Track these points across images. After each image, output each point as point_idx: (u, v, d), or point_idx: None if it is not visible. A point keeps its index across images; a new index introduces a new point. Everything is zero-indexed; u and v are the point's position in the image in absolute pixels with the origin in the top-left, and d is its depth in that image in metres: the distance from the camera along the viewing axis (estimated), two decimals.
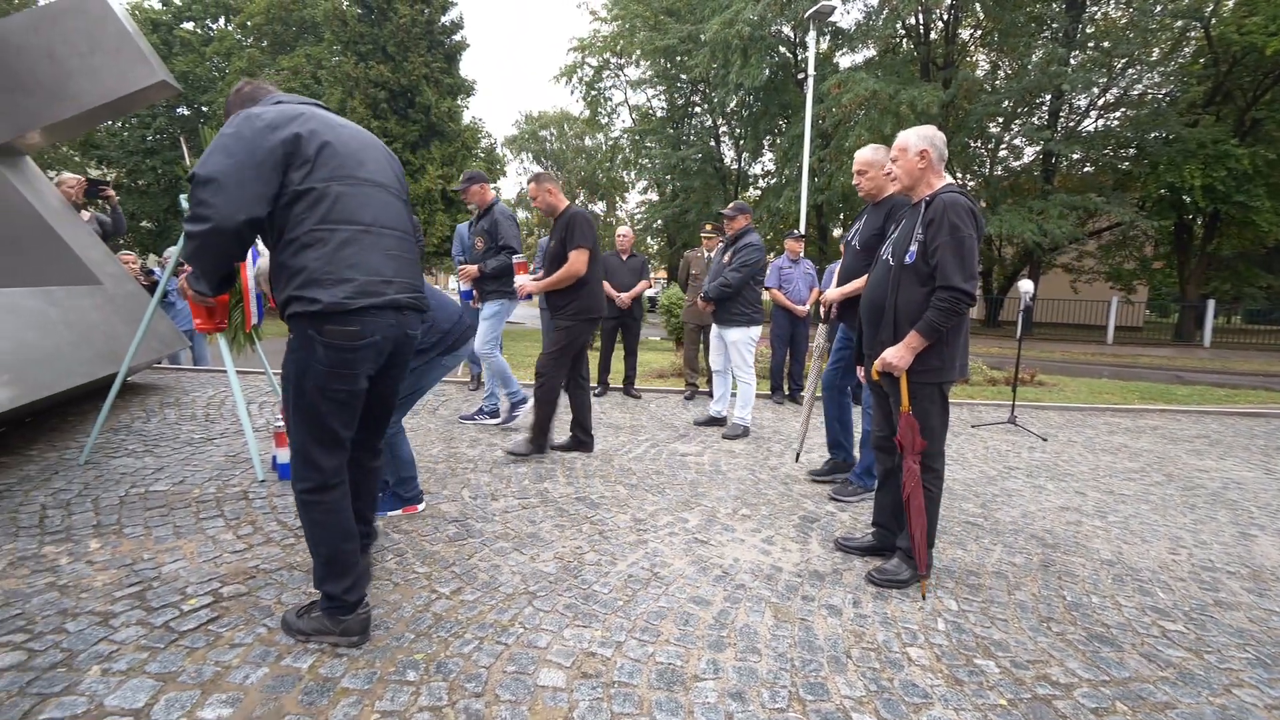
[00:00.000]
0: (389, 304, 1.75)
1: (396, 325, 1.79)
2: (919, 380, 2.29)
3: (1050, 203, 16.50)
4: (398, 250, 1.82)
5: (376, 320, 1.72)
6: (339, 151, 1.73)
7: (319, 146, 1.69)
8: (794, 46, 19.75)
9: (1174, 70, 17.55)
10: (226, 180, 1.57)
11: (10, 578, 2.08)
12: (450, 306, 2.93)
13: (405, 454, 2.78)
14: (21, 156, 4.31)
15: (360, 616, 1.82)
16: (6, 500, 2.73)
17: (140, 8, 22.55)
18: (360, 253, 1.71)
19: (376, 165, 1.84)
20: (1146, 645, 2.01)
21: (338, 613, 1.79)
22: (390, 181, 1.88)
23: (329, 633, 1.80)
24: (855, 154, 3.22)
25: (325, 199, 1.68)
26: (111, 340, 3.92)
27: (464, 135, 15.15)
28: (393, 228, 1.82)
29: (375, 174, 1.82)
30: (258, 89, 1.91)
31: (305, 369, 1.69)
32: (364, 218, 1.74)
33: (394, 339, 1.81)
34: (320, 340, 1.66)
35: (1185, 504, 3.47)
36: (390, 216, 1.83)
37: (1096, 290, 21.58)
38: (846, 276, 3.29)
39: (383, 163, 1.89)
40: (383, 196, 1.82)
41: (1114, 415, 6.09)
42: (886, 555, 2.50)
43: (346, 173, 1.73)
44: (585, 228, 3.61)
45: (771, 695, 1.67)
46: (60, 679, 1.59)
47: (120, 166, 21.83)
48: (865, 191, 3.22)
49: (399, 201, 1.91)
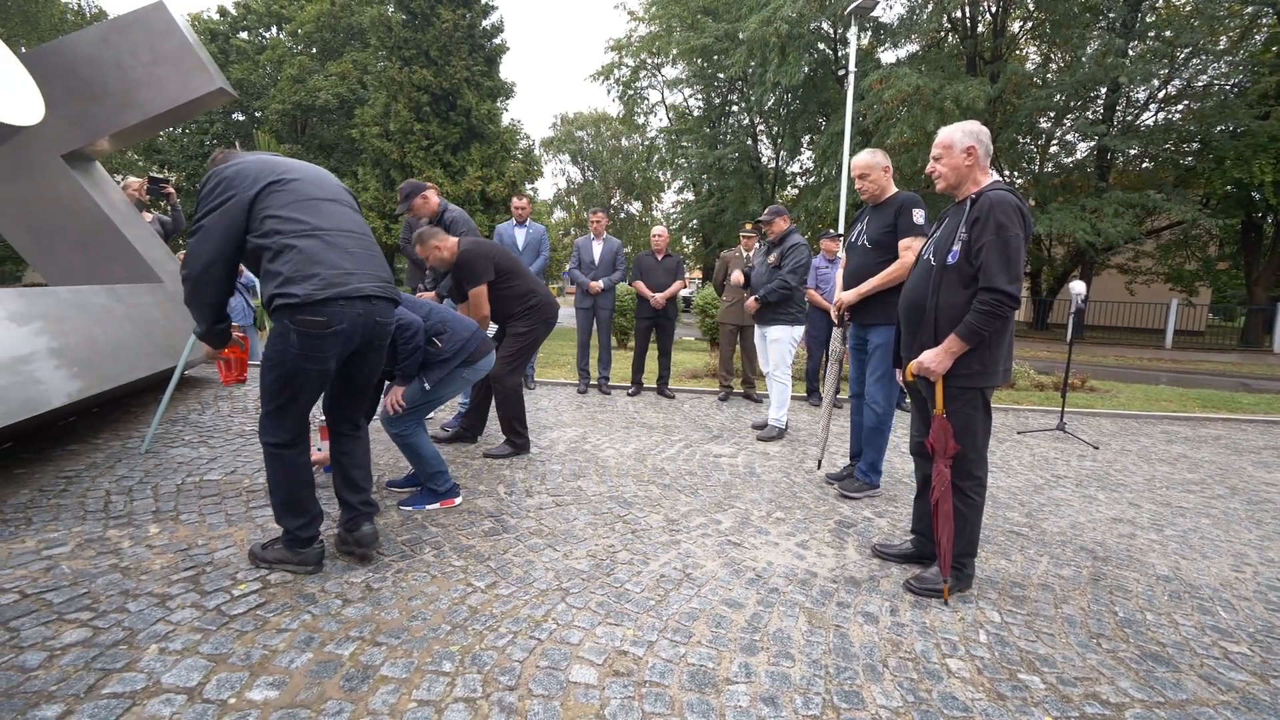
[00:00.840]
0: (354, 294, 2.00)
1: (364, 314, 2.05)
2: (958, 385, 2.21)
3: (1105, 201, 15.78)
4: (356, 248, 2.10)
5: (344, 310, 1.99)
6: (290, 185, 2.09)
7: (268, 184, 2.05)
8: (834, 43, 19.41)
9: (1243, 60, 16.54)
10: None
11: (79, 558, 2.21)
12: (465, 320, 3.01)
13: (428, 452, 2.85)
14: (91, 161, 4.57)
15: (315, 550, 2.18)
16: (76, 485, 2.90)
17: (199, 19, 23.66)
18: (323, 252, 2.00)
19: (325, 186, 2.18)
20: (1206, 667, 1.91)
21: (296, 545, 2.16)
22: (340, 195, 2.21)
23: (289, 561, 2.17)
24: (853, 160, 3.23)
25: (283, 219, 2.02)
26: (171, 335, 4.13)
27: (503, 137, 15.40)
28: (349, 230, 2.12)
29: (325, 192, 2.15)
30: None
31: (283, 351, 2.00)
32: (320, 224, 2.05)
33: (363, 325, 2.07)
34: (294, 328, 1.95)
35: (1251, 519, 3.28)
36: (347, 222, 2.14)
37: (1154, 292, 20.55)
38: (856, 277, 3.27)
39: (329, 182, 2.22)
40: (334, 207, 2.12)
41: (1172, 423, 5.79)
42: (926, 563, 2.44)
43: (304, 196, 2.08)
44: (475, 265, 3.49)
45: (805, 702, 1.65)
46: (122, 656, 1.68)
47: (180, 170, 22.95)
48: (868, 195, 3.23)
49: (352, 210, 2.22)
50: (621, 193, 36.14)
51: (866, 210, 3.35)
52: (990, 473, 3.87)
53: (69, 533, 2.41)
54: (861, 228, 3.32)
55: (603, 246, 5.83)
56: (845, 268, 3.42)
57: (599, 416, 4.95)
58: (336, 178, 2.33)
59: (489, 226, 13.64)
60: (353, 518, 2.28)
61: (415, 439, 2.81)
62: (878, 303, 3.18)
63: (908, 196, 3.15)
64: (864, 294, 3.18)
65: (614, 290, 5.91)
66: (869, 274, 3.19)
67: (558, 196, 39.91)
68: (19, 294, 3.17)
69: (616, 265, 5.84)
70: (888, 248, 3.16)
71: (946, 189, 2.33)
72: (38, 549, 2.27)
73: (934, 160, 2.32)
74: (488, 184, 14.37)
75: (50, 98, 3.85)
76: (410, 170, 14.45)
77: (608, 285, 5.76)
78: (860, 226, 3.33)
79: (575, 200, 39.13)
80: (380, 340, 2.22)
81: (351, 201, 2.27)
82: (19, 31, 16.77)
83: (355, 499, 2.29)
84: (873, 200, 3.26)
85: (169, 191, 5.45)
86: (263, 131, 8.81)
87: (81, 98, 4.16)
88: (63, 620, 1.82)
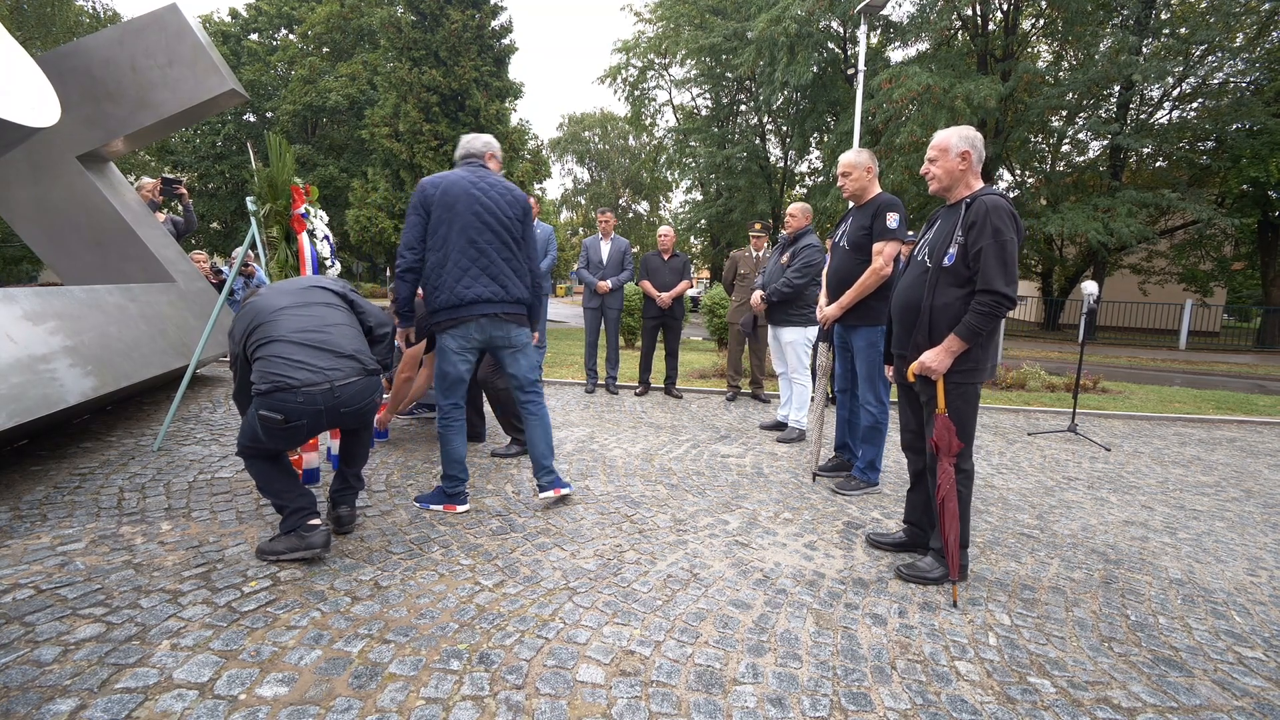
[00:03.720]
0: (300, 385, 2.15)
1: (326, 406, 2.17)
2: (956, 381, 2.26)
3: (1118, 200, 15.59)
4: (319, 344, 2.26)
5: (301, 407, 2.14)
6: None
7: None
8: (843, 42, 19.30)
9: (1260, 57, 16.31)
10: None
11: (92, 555, 2.24)
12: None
13: (456, 453, 2.84)
14: (106, 162, 4.63)
15: (320, 533, 2.22)
16: (90, 482, 2.94)
17: (211, 21, 23.88)
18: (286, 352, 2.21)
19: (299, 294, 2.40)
20: (1220, 672, 1.89)
21: (299, 529, 2.22)
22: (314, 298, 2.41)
23: (296, 549, 2.22)
24: (839, 158, 3.31)
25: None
26: (183, 334, 4.17)
27: (511, 137, 15.42)
28: (312, 329, 2.29)
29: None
30: None
31: (254, 429, 2.23)
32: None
33: (328, 411, 2.19)
34: (257, 420, 2.19)
35: (1266, 522, 3.23)
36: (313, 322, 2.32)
37: (1168, 293, 20.29)
38: (836, 277, 3.38)
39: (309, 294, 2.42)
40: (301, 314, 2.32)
41: (1186, 425, 5.73)
42: (919, 553, 2.50)
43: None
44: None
45: (812, 703, 1.64)
46: (134, 651, 1.70)
47: (192, 170, 23.19)
48: (850, 193, 3.32)
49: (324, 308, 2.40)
50: (629, 192, 36.14)
51: (851, 210, 3.42)
52: (1000, 474, 3.86)
53: (83, 529, 2.44)
54: (845, 228, 3.40)
55: (610, 246, 5.83)
56: (828, 268, 3.52)
57: (606, 416, 4.95)
58: (324, 286, 2.49)
59: None
60: (340, 489, 2.52)
61: (445, 433, 2.82)
62: (860, 305, 3.29)
63: (886, 199, 3.21)
64: (845, 306, 3.31)
65: (622, 290, 5.91)
66: (848, 275, 3.30)
67: (565, 196, 39.97)
68: (35, 293, 3.22)
69: (624, 265, 5.84)
70: (864, 249, 3.26)
71: (939, 191, 2.39)
72: (53, 545, 2.30)
73: (929, 162, 2.39)
74: None
75: (66, 99, 3.89)
76: (419, 170, 14.51)
77: (615, 285, 5.76)
78: (844, 227, 3.42)
79: (583, 200, 39.17)
80: (352, 418, 2.31)
81: (327, 299, 2.41)
82: (34, 34, 16.99)
83: (348, 471, 2.53)
84: (854, 199, 3.34)
85: (181, 192, 5.51)
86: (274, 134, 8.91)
87: (96, 99, 4.21)
88: (77, 615, 1.85)
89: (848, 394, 3.59)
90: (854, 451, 3.57)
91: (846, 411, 3.62)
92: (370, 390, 2.32)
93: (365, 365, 2.30)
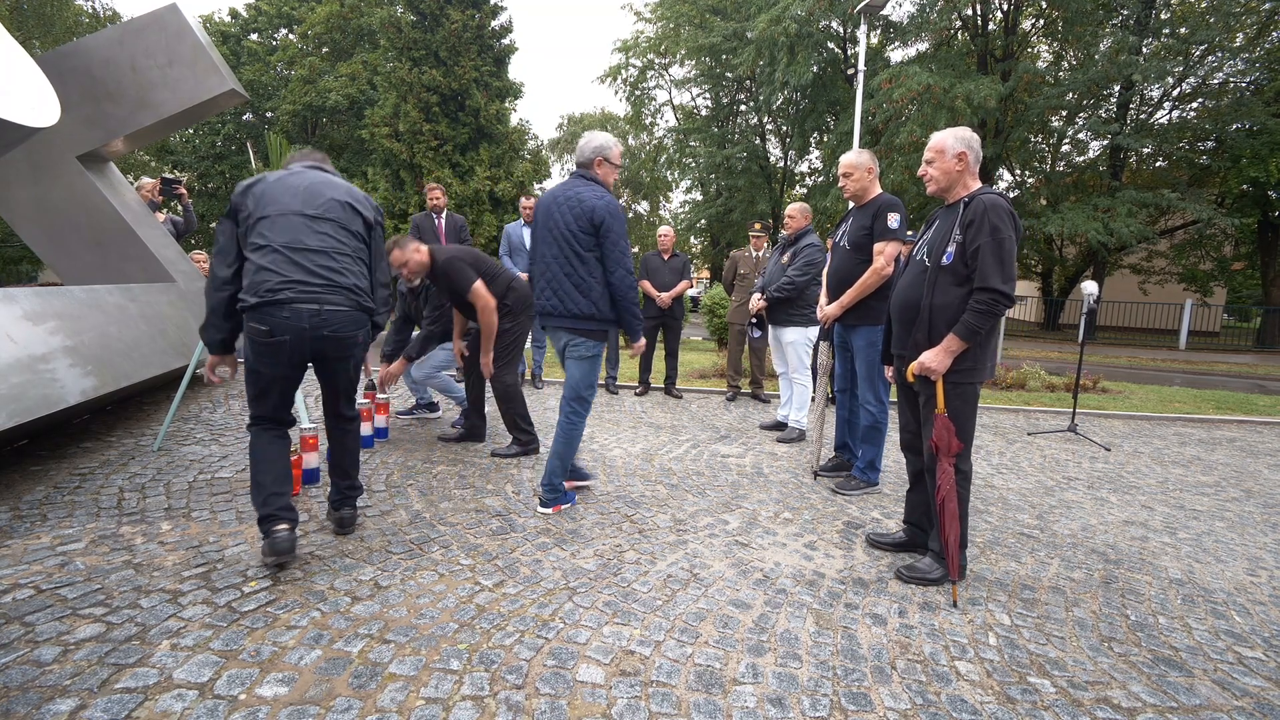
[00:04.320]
0: (289, 302, 2.12)
1: (311, 326, 2.15)
2: (955, 381, 2.26)
3: (1118, 200, 15.59)
4: (314, 263, 2.19)
5: (286, 322, 2.13)
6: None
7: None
8: (843, 42, 19.29)
9: (1260, 57, 16.31)
10: None
11: (92, 555, 2.24)
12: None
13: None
14: (106, 162, 4.63)
15: (278, 539, 2.13)
16: (90, 482, 2.94)
17: (211, 20, 23.88)
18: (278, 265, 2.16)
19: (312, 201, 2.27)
20: (1220, 672, 1.89)
21: (264, 534, 2.15)
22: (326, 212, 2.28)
23: (265, 554, 2.14)
24: (841, 158, 3.34)
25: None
26: (183, 334, 4.17)
27: (511, 137, 15.42)
28: (314, 249, 2.22)
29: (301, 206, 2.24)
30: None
31: (245, 353, 2.24)
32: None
33: (312, 338, 2.18)
34: (246, 334, 2.19)
35: (1266, 522, 3.23)
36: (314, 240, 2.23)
37: (1168, 292, 20.29)
38: (836, 276, 3.40)
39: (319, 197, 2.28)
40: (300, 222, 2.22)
41: (1186, 425, 5.73)
42: (919, 553, 2.51)
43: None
44: (461, 266, 3.52)
45: (812, 703, 1.64)
46: (134, 651, 1.70)
47: (192, 170, 23.18)
48: (851, 194, 3.34)
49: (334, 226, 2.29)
50: (629, 192, 36.12)
51: (853, 210, 3.42)
52: (1000, 474, 3.86)
53: (83, 529, 2.44)
54: (845, 228, 3.42)
55: None
56: (828, 268, 3.53)
57: (606, 416, 4.95)
58: (340, 184, 2.37)
59: (497, 226, 13.67)
60: (339, 499, 2.55)
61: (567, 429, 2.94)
62: (860, 305, 3.31)
63: (886, 200, 3.22)
64: (846, 306, 3.32)
65: None
66: (848, 275, 3.31)
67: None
68: (35, 293, 3.21)
69: None
70: (865, 249, 3.27)
71: (937, 192, 2.40)
72: (53, 545, 2.30)
73: (926, 164, 2.39)
74: (496, 184, 14.41)
75: (66, 100, 3.89)
76: (419, 170, 14.51)
77: None
78: (844, 227, 3.43)
79: None
80: (337, 352, 2.29)
81: (347, 219, 2.31)
82: (34, 34, 16.99)
83: (342, 483, 2.54)
84: (855, 200, 3.36)
85: (181, 192, 5.51)
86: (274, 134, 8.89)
87: (96, 99, 4.21)
88: (76, 615, 1.85)
89: (847, 394, 3.60)
90: (854, 451, 3.57)
91: (846, 411, 3.64)
92: (357, 324, 2.29)
93: (361, 301, 2.29)
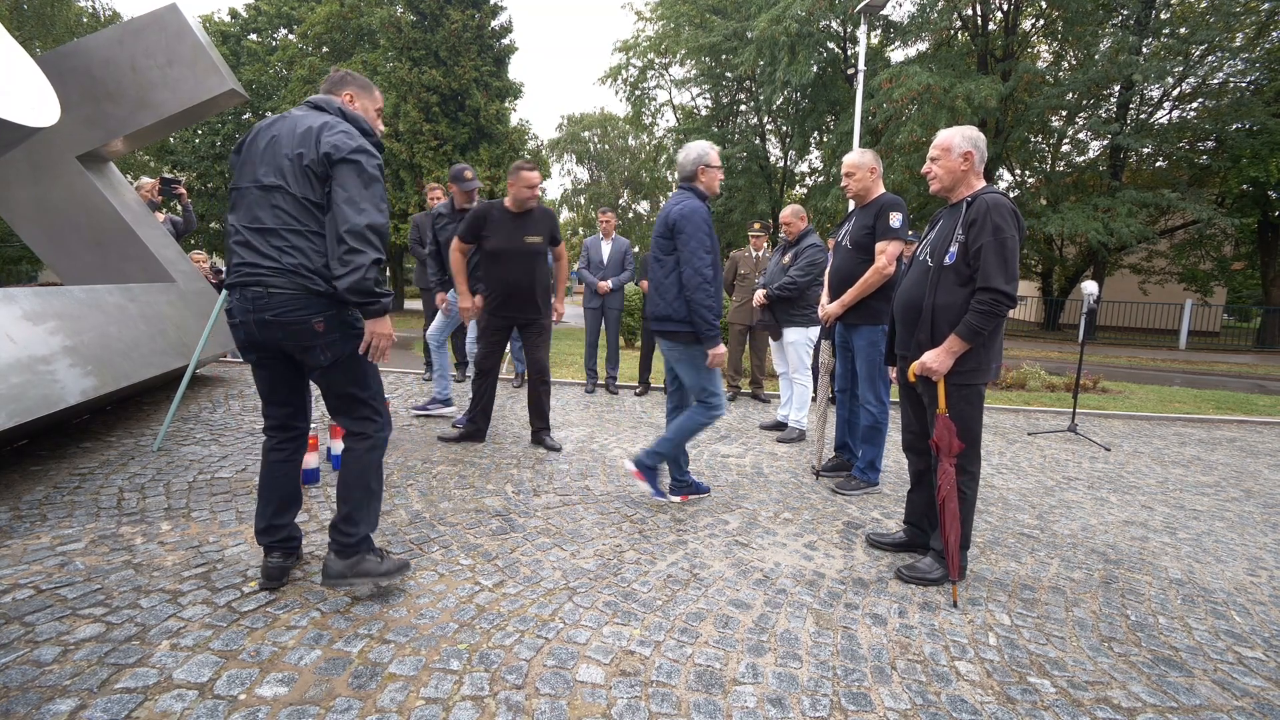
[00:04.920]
0: (235, 284, 1.92)
1: (254, 310, 1.88)
2: (958, 382, 2.25)
3: (1118, 200, 15.59)
4: (256, 240, 1.90)
5: (239, 304, 1.93)
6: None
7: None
8: (843, 42, 19.29)
9: (1260, 57, 16.31)
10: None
11: (92, 555, 2.24)
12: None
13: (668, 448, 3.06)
14: (106, 162, 4.63)
15: (268, 564, 2.08)
16: (90, 482, 2.94)
17: (211, 20, 23.87)
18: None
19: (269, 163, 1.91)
20: (1220, 672, 1.89)
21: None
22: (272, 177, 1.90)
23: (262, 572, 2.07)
24: (844, 158, 3.35)
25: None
26: (183, 334, 4.17)
27: (511, 137, 15.43)
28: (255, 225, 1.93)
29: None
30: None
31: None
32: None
33: (256, 324, 1.90)
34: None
35: (1266, 522, 3.23)
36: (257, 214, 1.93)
37: (1168, 292, 20.29)
38: (838, 276, 3.40)
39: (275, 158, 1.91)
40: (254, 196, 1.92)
41: (1186, 425, 5.73)
42: (919, 553, 2.50)
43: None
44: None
45: (812, 703, 1.64)
46: (134, 651, 1.70)
47: (192, 170, 23.17)
48: (853, 193, 3.34)
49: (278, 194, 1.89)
50: (629, 192, 36.11)
51: (855, 210, 3.42)
52: (1000, 474, 3.86)
53: (83, 529, 2.44)
54: (847, 228, 3.42)
55: (611, 246, 5.83)
56: (830, 267, 3.53)
57: (606, 416, 4.95)
58: (299, 133, 1.90)
59: None
60: (330, 538, 2.06)
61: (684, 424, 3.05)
62: (861, 305, 3.30)
63: (889, 199, 3.23)
64: (847, 304, 3.32)
65: (622, 290, 5.91)
66: (850, 274, 3.31)
67: (565, 196, 39.93)
68: (35, 293, 3.21)
69: (625, 265, 5.84)
70: (867, 249, 3.27)
71: (941, 191, 2.38)
72: (52, 545, 2.30)
73: (931, 161, 2.39)
74: (496, 184, 14.42)
75: (66, 99, 3.89)
76: (419, 170, 14.51)
77: (616, 285, 5.76)
78: (847, 226, 3.44)
79: (583, 200, 39.15)
80: (292, 341, 1.90)
81: (289, 181, 1.87)
82: (34, 34, 16.99)
83: (336, 516, 2.05)
84: (857, 199, 3.37)
85: (180, 192, 5.51)
86: None
87: (96, 99, 4.21)
88: (76, 616, 1.85)
89: (848, 394, 3.60)
90: (854, 451, 3.58)
91: (846, 411, 3.64)
92: (305, 308, 1.86)
93: (308, 285, 1.86)
